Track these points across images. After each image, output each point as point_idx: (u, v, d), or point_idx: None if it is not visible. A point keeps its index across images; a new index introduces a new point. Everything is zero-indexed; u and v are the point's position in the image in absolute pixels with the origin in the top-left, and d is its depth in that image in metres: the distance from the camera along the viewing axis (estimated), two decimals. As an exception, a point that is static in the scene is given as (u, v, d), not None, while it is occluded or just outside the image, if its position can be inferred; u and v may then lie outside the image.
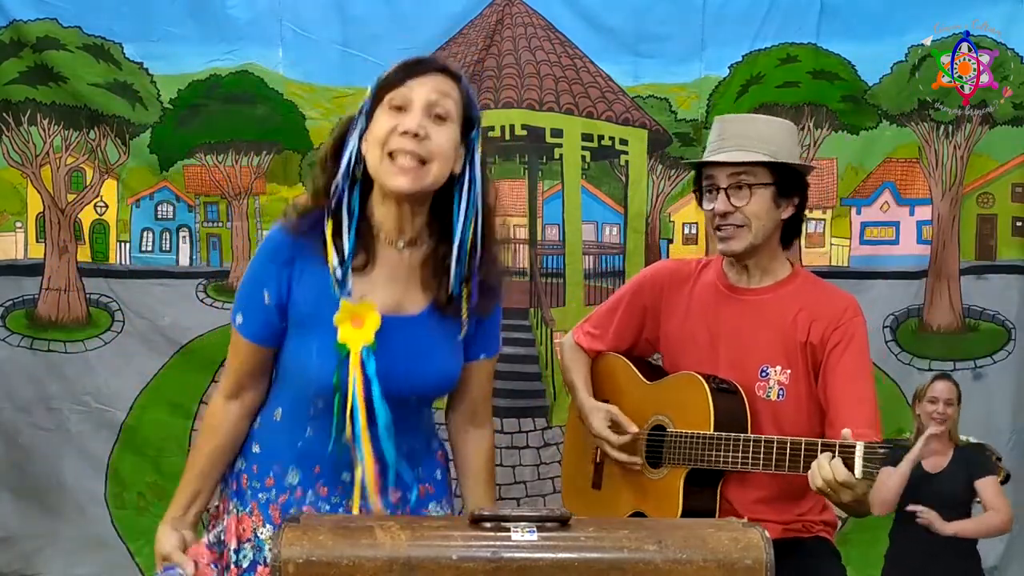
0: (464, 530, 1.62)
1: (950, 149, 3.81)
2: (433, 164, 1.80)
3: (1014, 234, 3.85)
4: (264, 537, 1.97)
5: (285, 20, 3.76)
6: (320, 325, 1.82)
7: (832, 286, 2.52)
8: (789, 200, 2.42)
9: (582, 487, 2.69)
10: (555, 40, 3.84)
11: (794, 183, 2.42)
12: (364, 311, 1.80)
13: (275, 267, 1.87)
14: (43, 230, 3.81)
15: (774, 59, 3.79)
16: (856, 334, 2.35)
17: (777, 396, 2.37)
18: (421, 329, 1.89)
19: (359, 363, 1.78)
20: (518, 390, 3.83)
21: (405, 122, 1.78)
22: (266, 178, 3.82)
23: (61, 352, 3.81)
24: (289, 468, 1.97)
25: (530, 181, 3.86)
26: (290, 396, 1.96)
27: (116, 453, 3.82)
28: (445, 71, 1.84)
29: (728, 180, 2.38)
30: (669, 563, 1.57)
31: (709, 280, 2.52)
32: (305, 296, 1.86)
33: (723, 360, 2.42)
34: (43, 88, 3.73)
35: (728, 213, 2.37)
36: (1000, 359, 3.86)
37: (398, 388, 1.85)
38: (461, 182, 1.85)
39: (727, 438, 2.28)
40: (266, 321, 1.90)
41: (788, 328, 2.38)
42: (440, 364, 1.93)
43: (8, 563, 3.81)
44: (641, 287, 2.63)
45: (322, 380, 1.83)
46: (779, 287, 2.44)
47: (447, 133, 1.81)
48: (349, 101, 3.77)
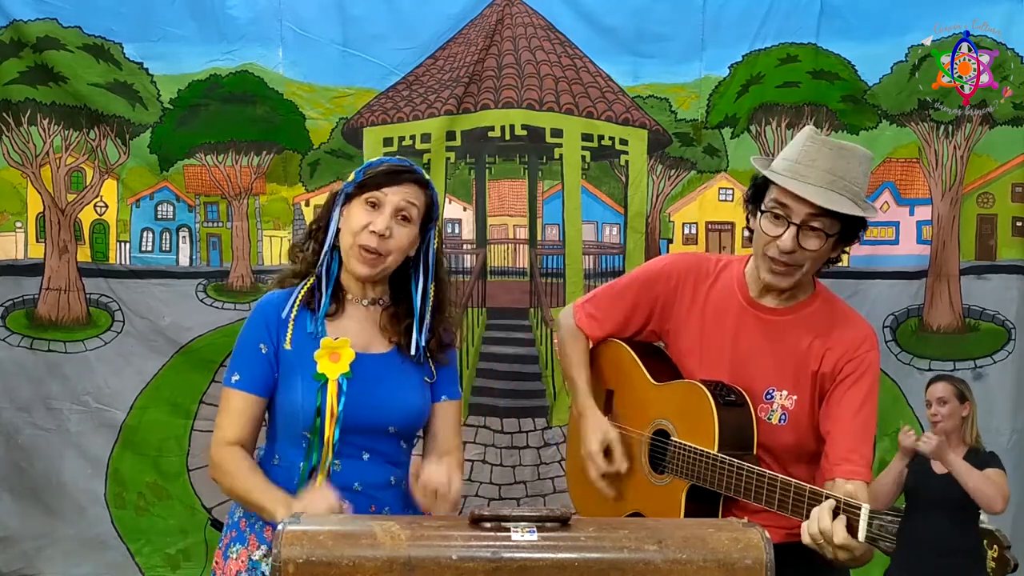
0: (464, 530, 1.62)
1: (950, 149, 3.81)
2: (390, 257, 2.19)
3: (1014, 234, 3.85)
4: (257, 557, 2.17)
5: (285, 20, 3.76)
6: (302, 365, 2.15)
7: (852, 311, 2.41)
8: (847, 244, 2.31)
9: (585, 478, 2.67)
10: (555, 40, 3.84)
11: (856, 230, 2.27)
12: (340, 346, 2.15)
13: (267, 323, 2.19)
14: (43, 230, 3.81)
15: (774, 59, 3.80)
16: (869, 369, 2.27)
17: (778, 420, 2.31)
18: (389, 365, 2.22)
19: (335, 390, 2.13)
20: (518, 390, 3.83)
21: (376, 223, 2.16)
22: (266, 178, 3.82)
23: (61, 352, 3.81)
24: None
25: (530, 181, 3.86)
26: (285, 440, 2.21)
27: (116, 453, 3.82)
28: (417, 181, 2.23)
29: (804, 218, 2.21)
30: (669, 563, 1.57)
31: (728, 285, 2.41)
32: (294, 343, 2.19)
33: (728, 374, 2.35)
34: (43, 88, 3.74)
35: (792, 252, 2.23)
36: (1000, 359, 3.86)
37: (373, 416, 2.17)
38: (416, 264, 2.26)
39: (731, 465, 2.18)
40: (262, 371, 2.18)
41: (802, 355, 2.30)
42: (407, 396, 2.24)
43: (8, 563, 3.81)
44: (655, 279, 2.50)
45: (307, 409, 2.13)
46: (799, 308, 2.34)
47: (407, 232, 2.20)
48: (349, 101, 3.78)
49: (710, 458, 2.23)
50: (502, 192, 3.86)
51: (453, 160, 3.83)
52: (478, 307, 3.85)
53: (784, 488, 2.09)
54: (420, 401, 2.26)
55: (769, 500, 2.11)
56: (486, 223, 3.86)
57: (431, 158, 3.80)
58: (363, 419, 2.15)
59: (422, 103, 3.80)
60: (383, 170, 2.22)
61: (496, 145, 3.82)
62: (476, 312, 3.85)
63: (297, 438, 2.17)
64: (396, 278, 2.28)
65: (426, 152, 3.80)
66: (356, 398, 2.14)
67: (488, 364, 3.83)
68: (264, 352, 2.17)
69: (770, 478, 2.12)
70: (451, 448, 2.33)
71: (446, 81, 3.79)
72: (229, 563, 2.23)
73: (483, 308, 3.85)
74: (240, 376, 2.18)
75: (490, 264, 3.86)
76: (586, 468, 2.46)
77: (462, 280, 3.83)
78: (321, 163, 3.78)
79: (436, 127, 3.79)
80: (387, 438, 2.22)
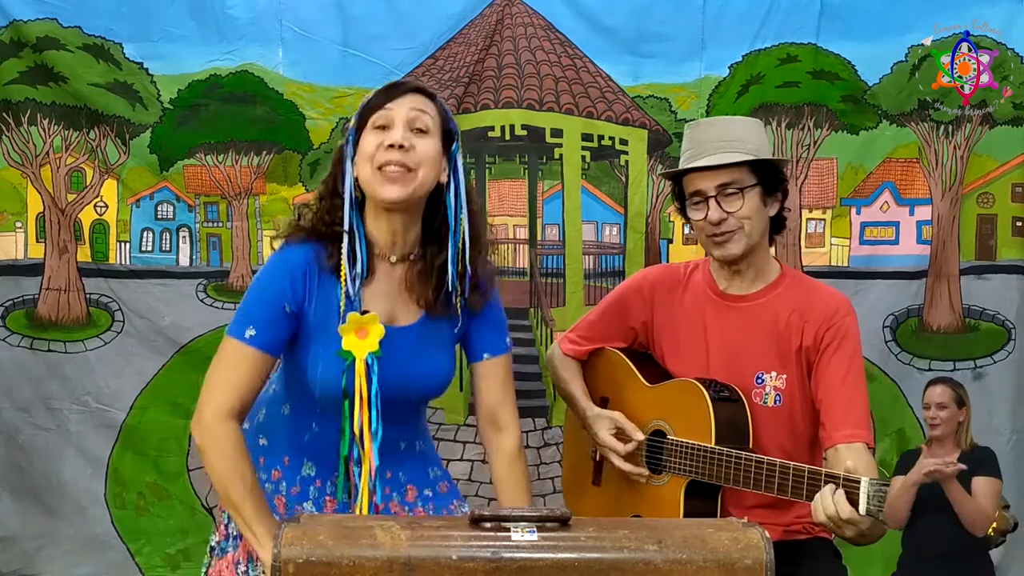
0: (464, 530, 1.62)
1: (950, 149, 3.81)
2: (419, 171, 1.95)
3: (1014, 234, 3.85)
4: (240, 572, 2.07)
5: (285, 20, 3.76)
6: (326, 334, 1.96)
7: (822, 285, 2.49)
8: (774, 196, 2.39)
9: (582, 483, 2.68)
10: (555, 40, 3.84)
11: (776, 179, 2.39)
12: (369, 322, 1.95)
13: (292, 279, 1.97)
14: (43, 230, 3.81)
15: (774, 59, 3.79)
16: (848, 334, 2.33)
17: (774, 402, 2.35)
18: (413, 338, 2.04)
19: (364, 371, 1.94)
20: (518, 390, 3.74)
21: (390, 136, 1.94)
22: (266, 178, 3.82)
23: (61, 352, 3.81)
24: (303, 461, 2.07)
25: (530, 181, 3.86)
26: (296, 395, 2.06)
27: (116, 453, 3.82)
28: (421, 91, 2.02)
29: (716, 187, 2.33)
30: (669, 563, 1.57)
31: (698, 285, 2.48)
32: (316, 308, 1.98)
33: (716, 369, 2.40)
34: (43, 88, 3.74)
35: (722, 220, 2.33)
36: (1000, 359, 3.86)
37: (396, 392, 2.00)
38: (448, 191, 2.03)
39: (728, 455, 2.23)
40: (282, 330, 1.98)
41: (781, 334, 2.35)
42: (432, 369, 2.07)
43: (8, 563, 3.81)
44: (625, 299, 2.59)
45: (326, 385, 1.97)
46: (769, 290, 2.41)
47: (429, 143, 1.97)
48: (349, 101, 3.77)
49: (708, 451, 2.27)
50: (502, 192, 3.86)
51: (453, 160, 3.83)
52: (478, 307, 3.84)
53: (783, 471, 2.12)
54: (447, 368, 2.12)
55: (769, 485, 2.15)
56: (486, 223, 3.85)
57: (431, 158, 3.79)
58: (388, 395, 1.99)
59: (422, 103, 3.80)
60: (381, 90, 2.02)
61: (496, 145, 3.82)
62: (476, 312, 3.84)
63: (312, 402, 2.02)
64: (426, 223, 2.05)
65: (426, 152, 3.80)
66: (383, 377, 1.97)
67: (488, 364, 3.82)
68: (287, 312, 1.97)
69: (768, 463, 2.16)
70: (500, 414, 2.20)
71: (446, 81, 3.79)
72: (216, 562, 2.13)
73: (483, 308, 3.84)
74: (257, 332, 1.95)
75: (490, 264, 3.85)
76: (608, 457, 2.49)
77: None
78: (321, 163, 3.77)
79: (436, 127, 3.79)
80: (406, 407, 2.10)
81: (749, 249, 2.36)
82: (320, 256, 1.98)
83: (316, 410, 2.03)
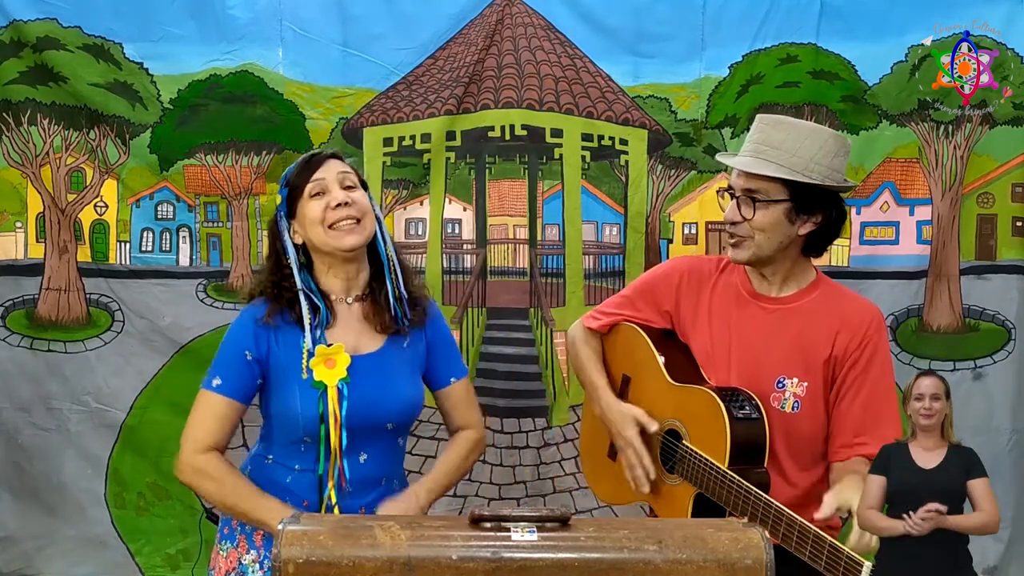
0: (464, 530, 1.62)
1: (950, 149, 3.81)
2: (365, 219, 2.22)
3: (1014, 234, 3.85)
4: (247, 562, 2.22)
5: (285, 20, 3.76)
6: (298, 373, 2.17)
7: (855, 294, 2.45)
8: (809, 216, 2.29)
9: (599, 453, 2.65)
10: (555, 40, 3.84)
11: (816, 199, 2.27)
12: (335, 352, 2.17)
13: (254, 330, 2.20)
14: (43, 230, 3.81)
15: (774, 59, 3.79)
16: (876, 353, 2.31)
17: (792, 408, 2.32)
18: (382, 361, 2.25)
19: (335, 395, 2.15)
20: (518, 390, 3.83)
21: (334, 198, 2.19)
22: (266, 178, 3.82)
23: (61, 352, 3.81)
24: (284, 500, 2.19)
25: (530, 181, 3.86)
26: (280, 443, 2.24)
27: (116, 453, 3.82)
28: (333, 156, 2.28)
29: (743, 189, 2.28)
30: (669, 563, 1.57)
31: (731, 282, 2.45)
32: (285, 351, 2.21)
33: (737, 367, 2.37)
34: (43, 88, 3.74)
35: (735, 223, 2.30)
36: (1000, 359, 3.86)
37: (369, 415, 2.20)
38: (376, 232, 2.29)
39: (740, 486, 2.14)
40: (246, 376, 2.20)
41: (810, 342, 2.32)
42: (403, 389, 2.27)
43: (8, 563, 3.81)
44: (653, 285, 2.55)
45: (307, 416, 2.16)
46: (801, 296, 2.37)
47: (362, 195, 2.25)
48: (349, 101, 3.78)
49: (719, 473, 2.20)
50: (502, 192, 3.86)
51: (453, 160, 3.83)
52: (478, 307, 3.85)
53: (789, 524, 2.01)
54: (414, 392, 2.31)
55: (774, 532, 2.03)
56: (486, 223, 3.86)
57: (431, 158, 3.80)
58: (364, 420, 2.18)
59: (422, 103, 3.80)
60: (299, 165, 2.26)
61: (496, 145, 3.82)
62: (476, 312, 3.85)
63: (295, 442, 2.20)
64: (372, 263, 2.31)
65: (426, 152, 3.80)
66: (355, 400, 2.17)
67: (488, 364, 3.83)
68: (248, 359, 2.19)
69: (776, 510, 2.05)
70: (468, 422, 2.41)
71: (446, 81, 3.79)
72: (219, 560, 2.27)
73: (483, 308, 3.85)
74: (222, 381, 2.20)
75: (490, 264, 3.85)
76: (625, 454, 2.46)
77: (462, 280, 3.83)
78: (321, 163, 3.77)
79: (436, 127, 3.79)
80: (385, 436, 2.26)
81: (757, 259, 2.32)
82: (284, 312, 2.22)
83: (300, 450, 2.20)
